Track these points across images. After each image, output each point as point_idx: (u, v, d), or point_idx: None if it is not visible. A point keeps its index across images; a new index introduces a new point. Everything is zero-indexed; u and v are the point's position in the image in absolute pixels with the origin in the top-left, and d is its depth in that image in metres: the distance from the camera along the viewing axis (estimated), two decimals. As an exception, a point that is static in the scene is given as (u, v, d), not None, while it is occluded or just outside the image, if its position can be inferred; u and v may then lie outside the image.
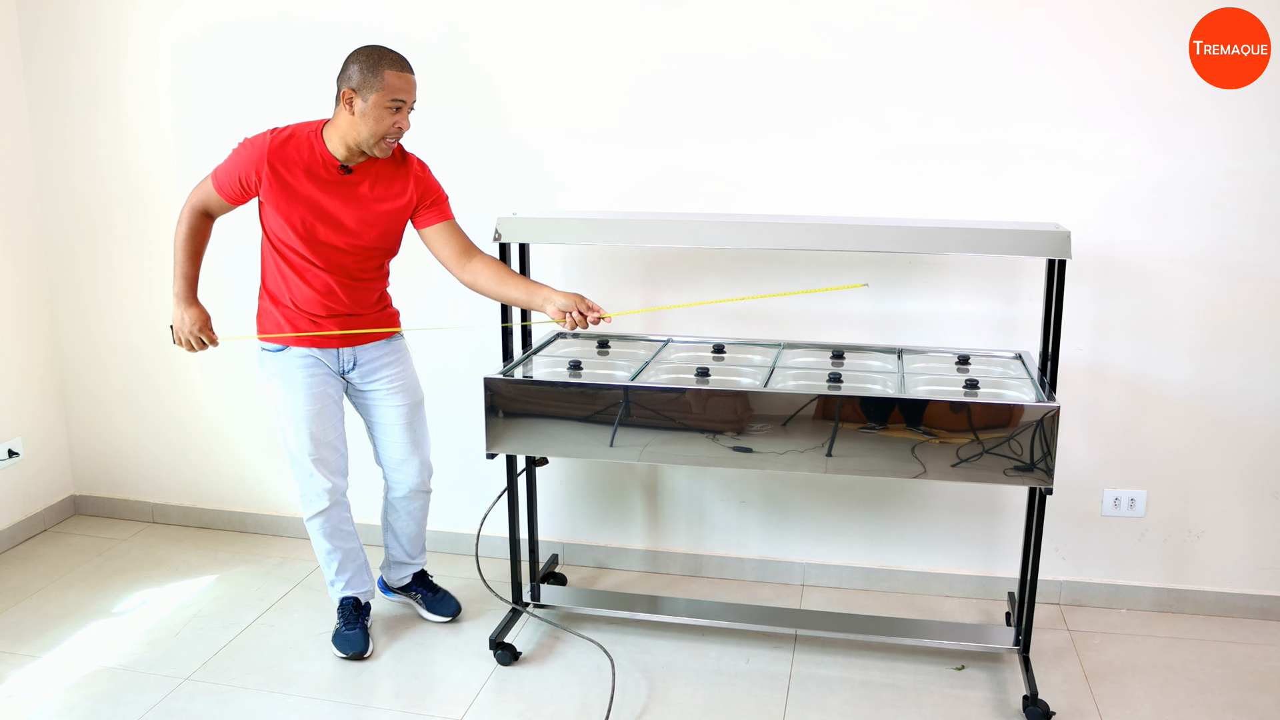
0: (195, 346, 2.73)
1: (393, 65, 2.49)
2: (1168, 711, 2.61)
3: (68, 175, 3.56)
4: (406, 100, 2.52)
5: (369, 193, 2.63)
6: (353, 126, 2.52)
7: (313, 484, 2.80)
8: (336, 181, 2.59)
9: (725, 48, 2.98)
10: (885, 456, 2.49)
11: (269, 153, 2.54)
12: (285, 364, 2.72)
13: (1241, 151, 2.79)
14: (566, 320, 2.55)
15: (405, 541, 3.02)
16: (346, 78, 2.51)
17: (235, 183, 2.59)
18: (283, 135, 2.57)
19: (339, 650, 2.86)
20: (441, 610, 3.03)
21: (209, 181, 2.65)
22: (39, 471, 3.71)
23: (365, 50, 2.51)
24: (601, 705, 2.62)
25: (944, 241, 2.63)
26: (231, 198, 2.63)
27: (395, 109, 2.50)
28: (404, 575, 3.07)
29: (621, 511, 3.37)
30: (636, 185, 3.12)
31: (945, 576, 3.20)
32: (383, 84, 2.47)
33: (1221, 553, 3.05)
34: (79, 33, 3.42)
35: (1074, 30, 2.80)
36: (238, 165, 2.58)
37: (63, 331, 3.71)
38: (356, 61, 2.50)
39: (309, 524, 2.86)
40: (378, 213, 2.65)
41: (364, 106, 2.49)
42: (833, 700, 2.66)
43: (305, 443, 2.75)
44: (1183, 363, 2.95)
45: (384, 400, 2.83)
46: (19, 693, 2.69)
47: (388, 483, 2.95)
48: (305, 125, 2.61)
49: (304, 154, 2.57)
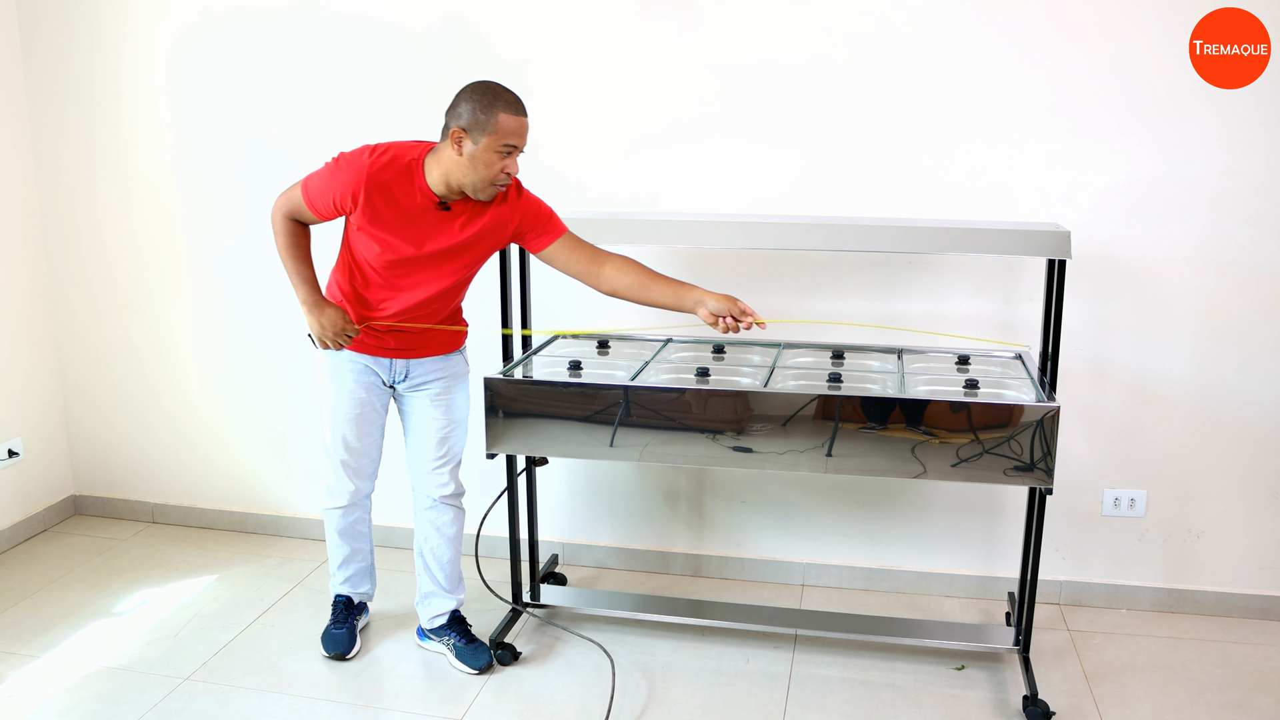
0: (342, 344, 2.58)
1: (508, 108, 2.33)
2: (1168, 711, 2.61)
3: (68, 175, 3.55)
4: (519, 145, 2.37)
5: (463, 229, 2.48)
6: (458, 167, 2.37)
7: (336, 479, 2.78)
8: (432, 216, 2.45)
9: (726, 47, 2.98)
10: (885, 456, 2.49)
11: (367, 177, 2.38)
12: (337, 363, 2.65)
13: (1241, 151, 2.79)
14: (720, 324, 2.43)
15: (437, 569, 2.83)
16: (457, 115, 2.34)
17: (329, 203, 2.45)
18: (383, 158, 2.41)
19: (323, 649, 2.87)
20: (471, 662, 2.77)
21: (299, 192, 2.49)
22: (39, 471, 3.71)
23: (480, 88, 2.35)
24: (601, 705, 2.62)
25: (944, 241, 2.64)
26: (323, 215, 2.49)
27: (506, 153, 2.36)
28: (439, 615, 2.86)
29: (621, 511, 3.37)
30: (636, 185, 3.12)
31: (945, 576, 3.20)
32: (496, 127, 2.32)
33: (1221, 553, 3.05)
34: (78, 33, 3.42)
35: (1074, 30, 2.80)
36: (333, 185, 2.42)
37: (63, 331, 3.71)
38: (470, 100, 2.34)
39: (326, 513, 2.84)
40: (469, 247, 2.52)
41: (474, 149, 2.33)
42: (833, 700, 2.66)
43: (338, 443, 2.72)
44: (1183, 363, 2.95)
45: (427, 410, 2.72)
46: (19, 693, 2.69)
47: (415, 494, 2.83)
48: (406, 149, 2.44)
49: (402, 182, 2.41)
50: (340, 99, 3.26)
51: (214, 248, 3.49)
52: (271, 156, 3.35)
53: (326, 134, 3.28)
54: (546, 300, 3.21)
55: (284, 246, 2.55)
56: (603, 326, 3.18)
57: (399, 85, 3.20)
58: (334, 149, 3.23)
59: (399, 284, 2.54)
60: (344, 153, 2.46)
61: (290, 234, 2.54)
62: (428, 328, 2.63)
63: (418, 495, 2.82)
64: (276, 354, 3.51)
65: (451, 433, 2.76)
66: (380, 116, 3.22)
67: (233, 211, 3.44)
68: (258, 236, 3.42)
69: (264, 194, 3.38)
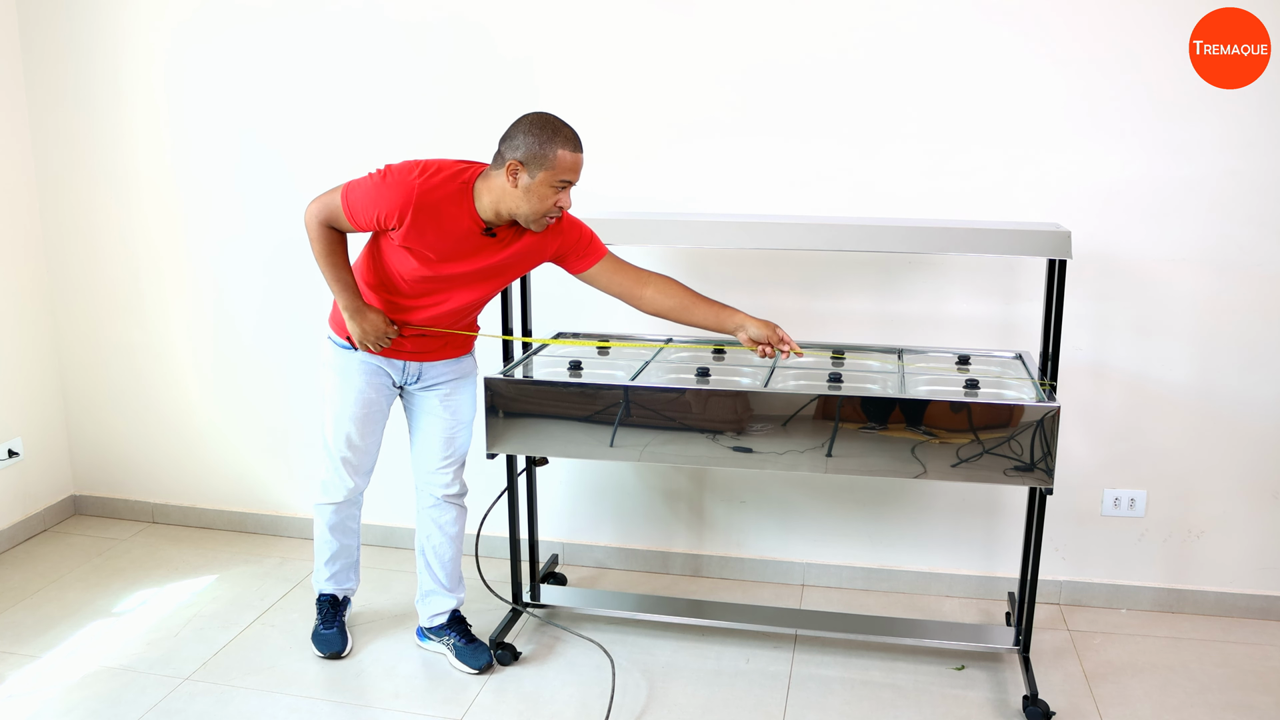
0: (384, 345, 2.57)
1: (566, 144, 2.30)
2: (1168, 711, 2.61)
3: (68, 175, 3.55)
4: (574, 180, 2.36)
5: (503, 250, 2.48)
6: (511, 198, 2.34)
7: (334, 478, 2.77)
8: (476, 240, 2.44)
9: (727, 48, 2.98)
10: (885, 456, 2.49)
11: (417, 197, 2.34)
12: (347, 362, 2.64)
13: (1241, 151, 2.79)
14: (759, 350, 2.47)
15: (438, 568, 2.83)
16: (514, 147, 2.31)
17: (372, 218, 2.39)
18: (434, 179, 2.36)
19: (317, 650, 2.86)
20: (471, 662, 2.78)
21: (339, 201, 2.41)
22: (39, 471, 3.70)
23: (539, 121, 2.31)
24: (601, 705, 2.62)
25: (944, 241, 2.64)
26: (362, 228, 2.43)
27: (561, 188, 2.34)
28: (440, 614, 2.86)
29: (621, 511, 3.37)
30: (636, 185, 3.12)
31: (945, 576, 3.20)
32: (555, 164, 2.30)
33: (1221, 553, 3.05)
34: (78, 32, 3.42)
35: (1074, 30, 2.80)
36: (379, 201, 2.36)
37: (62, 331, 3.71)
38: (529, 133, 2.30)
39: (317, 508, 2.83)
40: (508, 269, 2.52)
41: (529, 183, 2.31)
42: (833, 700, 2.66)
43: (340, 440, 2.70)
44: (1183, 363, 2.95)
45: (434, 412, 2.72)
46: (19, 693, 2.69)
47: (418, 492, 2.83)
48: (457, 172, 2.39)
49: (451, 205, 2.38)
50: (340, 98, 3.25)
51: (214, 247, 3.49)
52: (271, 156, 3.35)
53: (327, 133, 3.28)
54: (546, 300, 3.21)
55: (321, 254, 2.49)
56: (603, 328, 3.19)
57: (398, 83, 3.20)
58: (334, 148, 3.26)
59: (430, 296, 2.53)
60: (391, 167, 2.40)
61: (327, 241, 2.47)
62: (445, 332, 2.62)
63: (421, 494, 2.82)
64: (276, 353, 3.51)
65: (458, 433, 2.76)
66: (379, 116, 3.22)
67: (233, 211, 3.44)
68: (257, 236, 3.43)
69: (264, 193, 3.39)
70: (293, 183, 3.32)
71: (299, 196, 3.23)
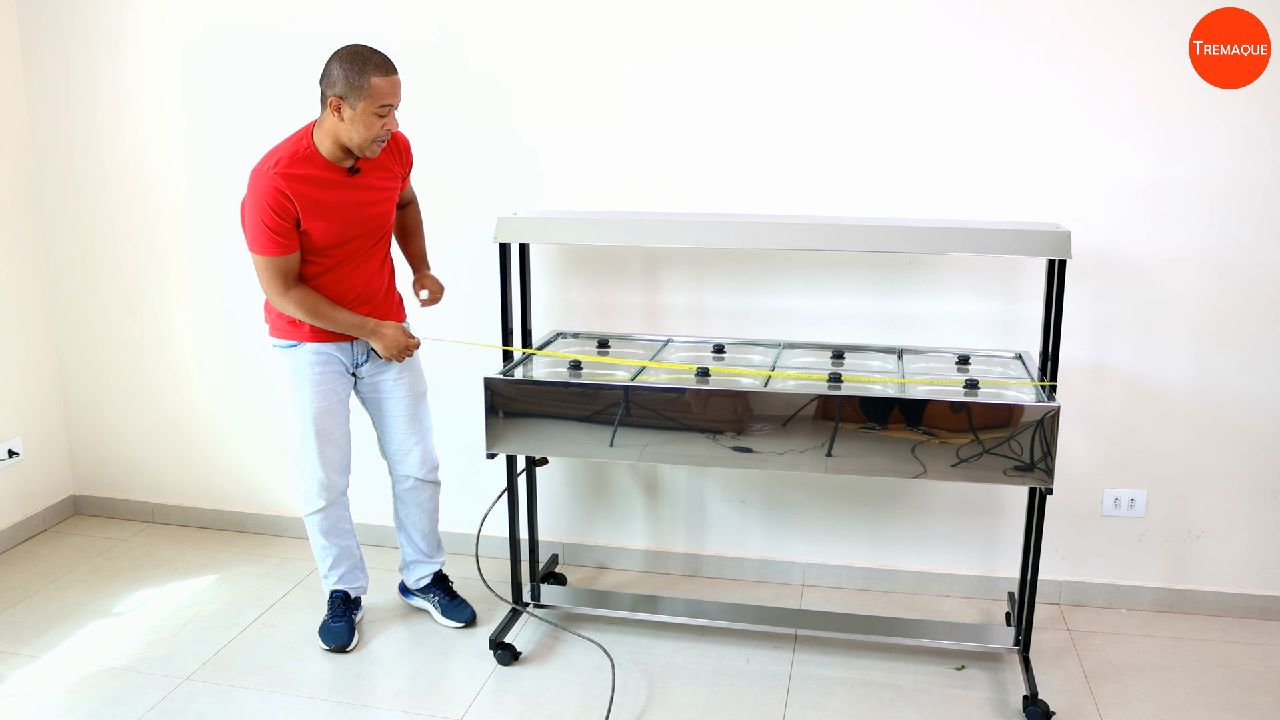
0: (409, 356, 2.75)
1: (378, 70, 2.46)
2: (1168, 711, 2.61)
3: (68, 175, 3.55)
4: (394, 104, 2.51)
5: (370, 182, 2.66)
6: (343, 131, 2.51)
7: (314, 480, 2.81)
8: (345, 182, 2.61)
9: (726, 48, 2.98)
10: (885, 456, 2.49)
11: (283, 181, 2.50)
12: (297, 360, 2.72)
13: (1241, 151, 2.79)
14: None
15: (419, 539, 3.02)
16: (331, 83, 2.47)
17: (284, 229, 2.53)
18: (280, 164, 2.52)
19: (323, 642, 2.90)
20: (455, 616, 3.00)
21: (259, 256, 2.56)
22: (39, 471, 3.71)
23: (349, 54, 2.46)
24: (601, 705, 2.62)
25: (944, 241, 2.64)
26: (292, 245, 2.56)
27: (384, 112, 2.50)
28: (423, 576, 3.06)
29: (621, 511, 3.37)
30: (637, 185, 3.12)
31: (945, 576, 3.20)
32: (370, 91, 2.45)
33: (1221, 553, 3.05)
34: (79, 33, 3.42)
35: (1074, 30, 2.80)
36: (264, 215, 2.51)
37: (62, 331, 3.71)
38: (340, 66, 2.46)
39: (307, 520, 2.88)
40: (380, 199, 2.70)
41: (352, 114, 2.48)
42: (833, 700, 2.66)
43: (311, 438, 2.77)
44: (1183, 363, 2.95)
45: (390, 391, 2.85)
46: (19, 693, 2.69)
47: (393, 476, 2.97)
48: (290, 143, 2.57)
49: (311, 169, 2.55)
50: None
51: (214, 247, 3.49)
52: (271, 156, 3.35)
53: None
54: (547, 300, 3.22)
55: (310, 312, 2.62)
56: (603, 329, 3.19)
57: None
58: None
59: (344, 264, 2.67)
60: (245, 196, 2.56)
61: (304, 301, 2.61)
62: (458, 342, 2.86)
63: (396, 478, 2.97)
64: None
65: (419, 408, 2.89)
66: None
67: (232, 210, 3.42)
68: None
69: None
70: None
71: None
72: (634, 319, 3.19)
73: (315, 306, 2.62)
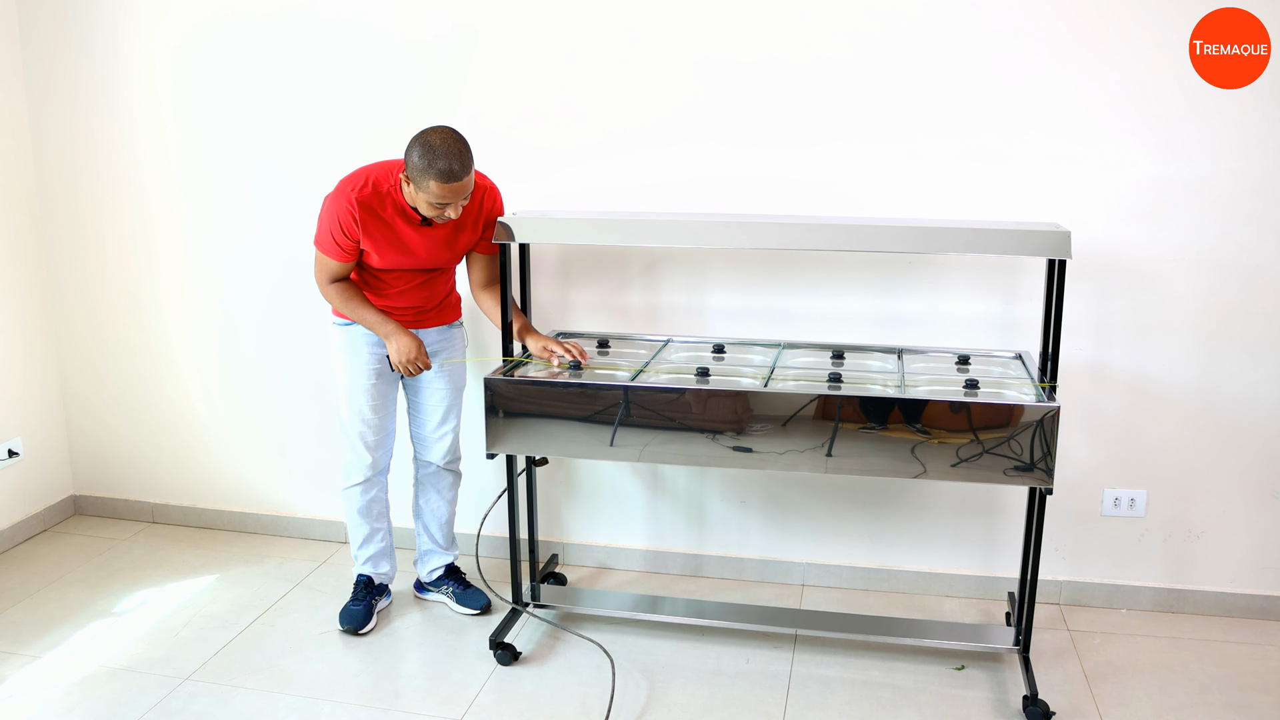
0: (414, 372, 2.80)
1: (438, 177, 2.49)
2: (1168, 711, 2.61)
3: (68, 175, 3.55)
4: (451, 204, 2.56)
5: (445, 233, 2.75)
6: (411, 197, 2.62)
7: (356, 455, 2.94)
8: (415, 228, 2.71)
9: (726, 49, 2.98)
10: (885, 456, 2.49)
11: (357, 204, 2.63)
12: (352, 338, 2.85)
13: (1241, 151, 2.79)
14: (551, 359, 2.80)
15: (435, 528, 3.10)
16: (407, 160, 2.54)
17: (345, 242, 2.67)
18: (366, 189, 2.64)
19: (339, 624, 2.98)
20: (470, 603, 3.08)
21: (319, 254, 2.73)
22: (39, 471, 3.71)
23: (423, 146, 2.49)
24: (601, 705, 2.62)
25: (944, 241, 2.63)
26: (349, 255, 2.71)
27: (439, 208, 2.57)
28: (437, 568, 3.13)
29: (621, 511, 3.37)
30: (637, 185, 3.12)
31: (945, 576, 3.20)
32: (427, 190, 2.52)
33: (1221, 553, 3.05)
34: (79, 33, 3.42)
35: (1074, 30, 2.80)
36: (334, 227, 2.66)
37: (62, 331, 3.71)
38: (413, 154, 2.51)
39: (345, 493, 2.99)
40: (447, 244, 2.78)
41: (414, 193, 2.57)
42: (833, 700, 2.66)
43: (356, 415, 2.89)
44: (1183, 363, 2.95)
45: (431, 384, 2.95)
46: (19, 693, 2.69)
47: (417, 462, 3.07)
48: (381, 176, 2.66)
49: (386, 205, 2.66)
50: (342, 100, 3.25)
51: (214, 247, 3.49)
52: (272, 157, 3.35)
53: (327, 133, 3.28)
54: (547, 301, 3.22)
55: (343, 306, 2.78)
56: (603, 329, 3.19)
57: (397, 86, 3.20)
58: (336, 149, 3.26)
59: (403, 278, 2.82)
60: (328, 196, 2.69)
61: (341, 293, 2.77)
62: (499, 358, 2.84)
63: (421, 464, 3.08)
64: (276, 354, 3.51)
65: (456, 400, 3.00)
66: (379, 117, 3.22)
67: (233, 211, 3.44)
68: (258, 236, 3.43)
69: (264, 193, 3.39)
70: (295, 184, 3.32)
71: (301, 197, 3.24)
72: (634, 319, 3.19)
73: (348, 300, 2.77)
